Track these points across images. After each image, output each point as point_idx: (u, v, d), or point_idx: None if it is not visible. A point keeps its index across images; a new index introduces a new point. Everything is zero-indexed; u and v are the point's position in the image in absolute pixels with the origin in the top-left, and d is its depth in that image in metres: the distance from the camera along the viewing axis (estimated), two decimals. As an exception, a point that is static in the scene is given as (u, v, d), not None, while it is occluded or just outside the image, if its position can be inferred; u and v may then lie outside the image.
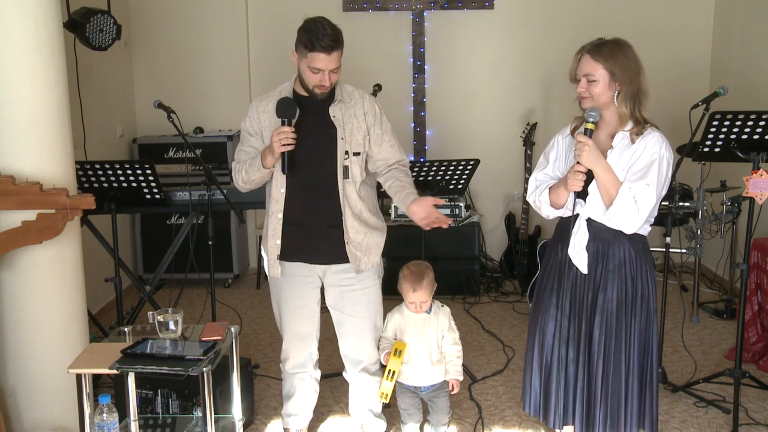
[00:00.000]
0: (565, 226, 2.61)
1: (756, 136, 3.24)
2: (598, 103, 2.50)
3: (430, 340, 3.04)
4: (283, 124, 2.72)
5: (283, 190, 2.84)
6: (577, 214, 2.54)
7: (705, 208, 4.24)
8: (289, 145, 2.70)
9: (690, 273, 5.33)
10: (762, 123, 3.19)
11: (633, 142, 2.48)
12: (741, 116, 3.21)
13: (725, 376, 3.55)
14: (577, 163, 2.44)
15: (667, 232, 3.79)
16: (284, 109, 2.73)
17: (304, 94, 2.79)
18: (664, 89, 5.58)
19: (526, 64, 5.60)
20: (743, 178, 3.05)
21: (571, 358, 2.61)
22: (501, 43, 5.61)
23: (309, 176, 2.82)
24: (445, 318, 3.07)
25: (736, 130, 3.25)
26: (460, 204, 5.19)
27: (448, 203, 5.19)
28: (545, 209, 2.64)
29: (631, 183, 2.44)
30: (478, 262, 5.22)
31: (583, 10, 5.52)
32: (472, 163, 3.89)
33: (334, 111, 2.80)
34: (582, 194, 2.50)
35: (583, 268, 2.55)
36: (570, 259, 2.57)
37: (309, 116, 2.81)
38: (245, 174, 2.85)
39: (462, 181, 3.99)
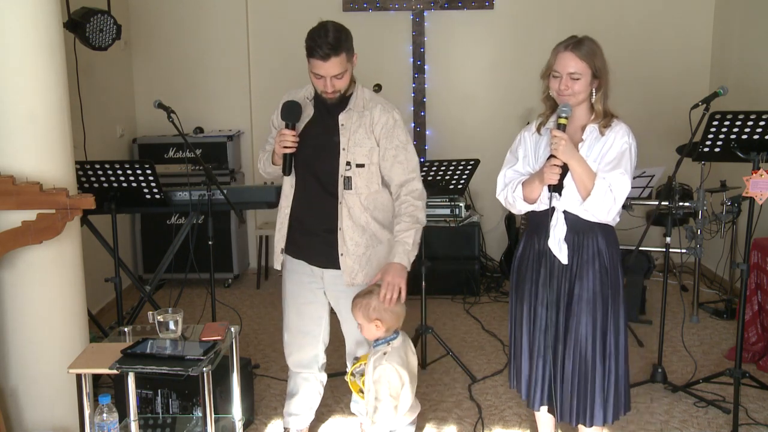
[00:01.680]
0: (539, 219, 2.66)
1: (756, 136, 3.24)
2: (578, 100, 2.57)
3: (368, 376, 2.71)
4: (287, 127, 2.74)
5: (292, 187, 2.87)
6: (554, 208, 2.59)
7: (705, 208, 4.24)
8: (289, 148, 2.72)
9: (690, 273, 5.33)
10: (762, 123, 3.19)
11: (602, 134, 2.57)
12: (741, 116, 3.21)
13: (725, 376, 3.54)
14: (553, 156, 2.50)
15: (667, 232, 3.79)
16: (288, 112, 2.75)
17: None
18: (664, 89, 5.59)
19: (526, 64, 5.58)
20: (743, 178, 3.05)
21: (548, 345, 2.67)
22: (501, 43, 5.62)
23: (314, 178, 2.82)
24: (371, 368, 2.66)
25: (736, 130, 3.25)
26: (460, 204, 5.20)
27: (448, 203, 5.20)
28: (519, 204, 2.68)
29: (604, 173, 2.50)
30: (478, 262, 5.22)
31: (583, 10, 5.52)
32: (472, 163, 3.89)
33: (343, 119, 2.77)
34: (557, 188, 2.55)
35: (564, 259, 2.61)
36: (546, 250, 2.63)
37: (320, 119, 2.80)
38: (263, 165, 2.98)
39: (462, 181, 3.99)
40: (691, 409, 3.49)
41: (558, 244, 2.60)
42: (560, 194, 2.55)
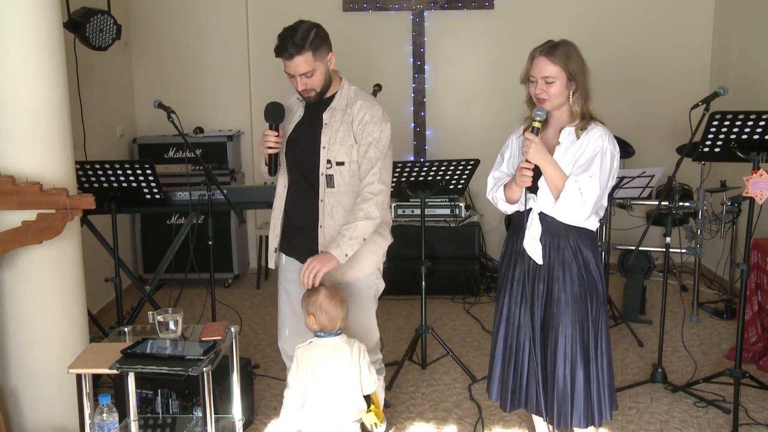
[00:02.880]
0: (519, 219, 2.70)
1: (756, 136, 3.24)
2: (555, 104, 2.61)
3: None
4: (270, 128, 2.78)
5: (285, 187, 2.90)
6: (530, 209, 2.63)
7: (705, 208, 4.24)
8: (272, 148, 2.76)
9: (690, 273, 5.33)
10: (762, 123, 3.19)
11: (578, 137, 2.59)
12: (741, 116, 3.21)
13: (725, 376, 3.54)
14: (526, 160, 2.55)
15: (667, 232, 3.79)
16: (270, 113, 2.78)
17: None
18: (664, 89, 5.59)
19: (526, 64, 5.59)
20: (743, 178, 3.05)
21: (524, 346, 2.71)
22: (501, 43, 5.61)
23: (302, 177, 2.84)
24: None
25: (736, 130, 3.25)
26: (460, 204, 5.20)
27: (448, 203, 5.20)
28: (501, 205, 2.75)
29: (576, 176, 2.54)
30: (478, 262, 5.22)
31: (583, 9, 5.52)
32: (472, 163, 3.89)
33: (326, 117, 2.80)
34: (533, 189, 2.60)
35: (539, 260, 2.65)
36: (523, 251, 2.66)
37: (309, 118, 2.84)
38: (262, 166, 2.98)
39: (462, 181, 3.99)
40: (691, 409, 3.49)
41: (532, 245, 2.64)
42: (536, 195, 2.61)
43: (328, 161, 2.78)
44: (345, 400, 2.64)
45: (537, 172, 2.56)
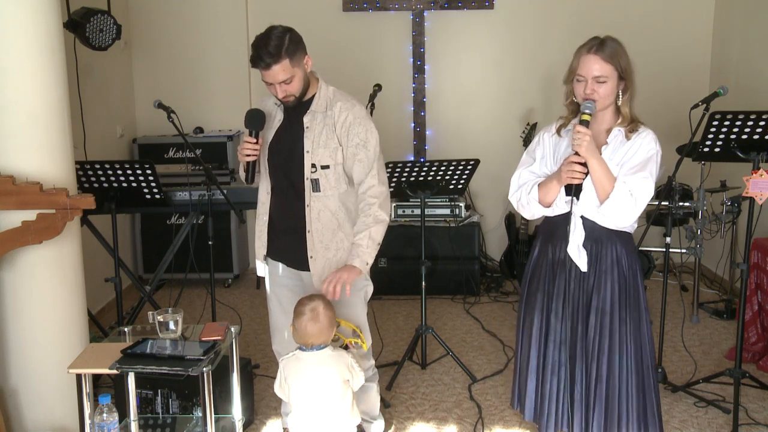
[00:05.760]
0: (554, 225, 2.56)
1: (756, 136, 3.24)
2: (604, 104, 2.48)
3: None
4: (250, 134, 2.75)
5: (268, 193, 2.87)
6: (570, 213, 2.48)
7: (705, 208, 4.24)
8: (250, 156, 2.75)
9: (690, 273, 5.33)
10: (762, 123, 3.19)
11: (628, 138, 2.48)
12: (741, 116, 3.21)
13: (725, 376, 3.54)
14: (576, 153, 2.39)
15: (667, 232, 3.79)
16: (250, 120, 2.76)
17: None
18: (664, 89, 5.59)
19: (526, 64, 5.59)
20: (743, 178, 3.05)
21: (563, 361, 2.55)
22: (501, 43, 5.61)
23: (287, 182, 2.82)
24: None
25: (736, 130, 3.25)
26: (460, 204, 5.19)
27: (448, 203, 5.20)
28: (533, 206, 2.56)
29: (626, 177, 2.41)
30: (478, 262, 5.22)
31: (583, 9, 5.51)
32: (472, 163, 3.89)
33: (307, 121, 2.76)
34: (576, 191, 2.44)
35: (583, 266, 2.51)
36: (562, 259, 2.52)
37: (289, 123, 2.81)
38: (241, 172, 2.96)
39: (462, 181, 3.99)
40: (691, 409, 3.49)
41: (577, 250, 2.49)
42: (578, 198, 2.45)
43: (313, 165, 2.74)
44: (327, 417, 2.56)
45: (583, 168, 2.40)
